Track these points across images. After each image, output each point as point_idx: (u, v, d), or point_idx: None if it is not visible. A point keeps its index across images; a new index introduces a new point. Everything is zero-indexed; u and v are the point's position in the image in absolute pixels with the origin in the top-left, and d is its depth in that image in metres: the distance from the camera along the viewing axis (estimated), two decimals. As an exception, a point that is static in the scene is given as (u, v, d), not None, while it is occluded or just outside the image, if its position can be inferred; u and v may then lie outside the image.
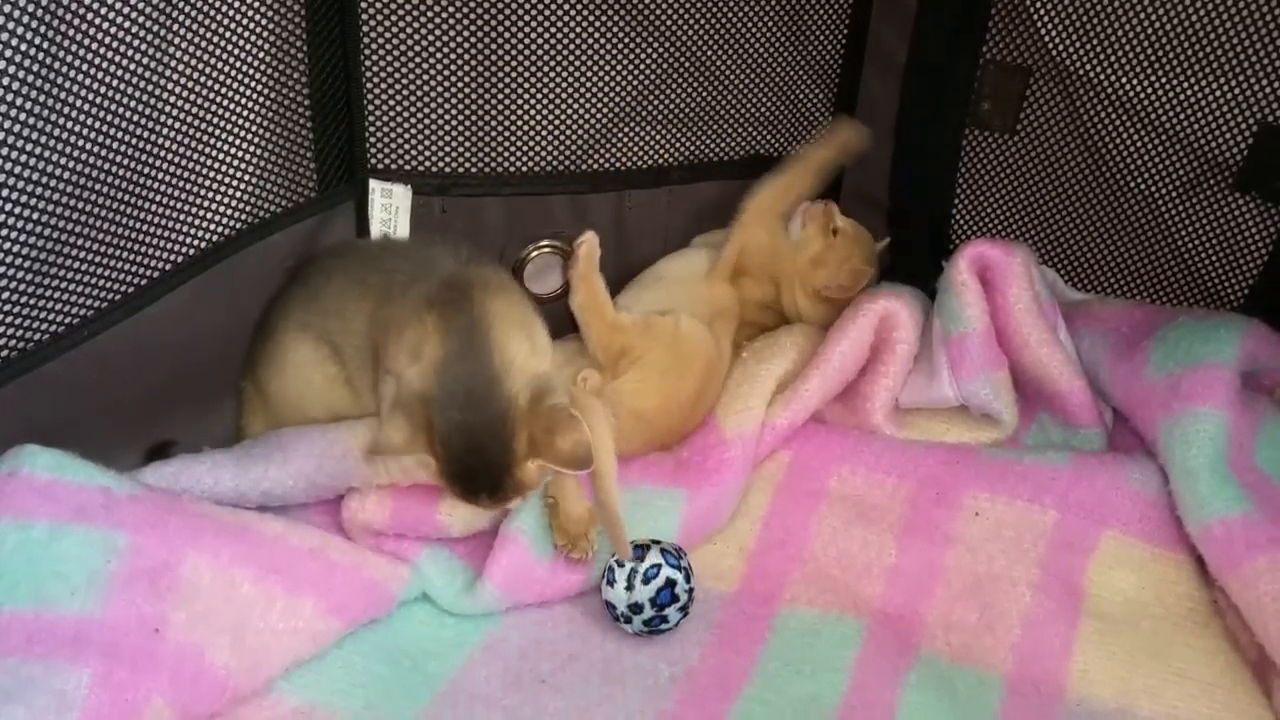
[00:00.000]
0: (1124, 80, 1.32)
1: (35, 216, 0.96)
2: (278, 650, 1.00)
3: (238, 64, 1.15)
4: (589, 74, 1.38)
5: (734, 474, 1.23)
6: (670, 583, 1.07)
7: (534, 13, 1.32)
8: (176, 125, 1.10)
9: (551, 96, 1.38)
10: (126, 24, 1.00)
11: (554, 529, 1.13)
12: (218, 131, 1.15)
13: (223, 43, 1.12)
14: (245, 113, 1.17)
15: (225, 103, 1.15)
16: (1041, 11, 1.35)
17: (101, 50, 0.99)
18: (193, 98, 1.11)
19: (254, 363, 1.24)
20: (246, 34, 1.15)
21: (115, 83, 1.01)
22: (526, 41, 1.34)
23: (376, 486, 1.11)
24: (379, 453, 1.03)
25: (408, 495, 1.11)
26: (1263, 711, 1.03)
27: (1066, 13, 1.33)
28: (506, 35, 1.33)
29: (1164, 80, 1.30)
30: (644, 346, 1.26)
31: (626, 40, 1.38)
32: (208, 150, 1.14)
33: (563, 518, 1.13)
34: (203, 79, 1.11)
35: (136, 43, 1.02)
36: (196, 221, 1.16)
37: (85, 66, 0.97)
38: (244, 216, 1.21)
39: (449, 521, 1.12)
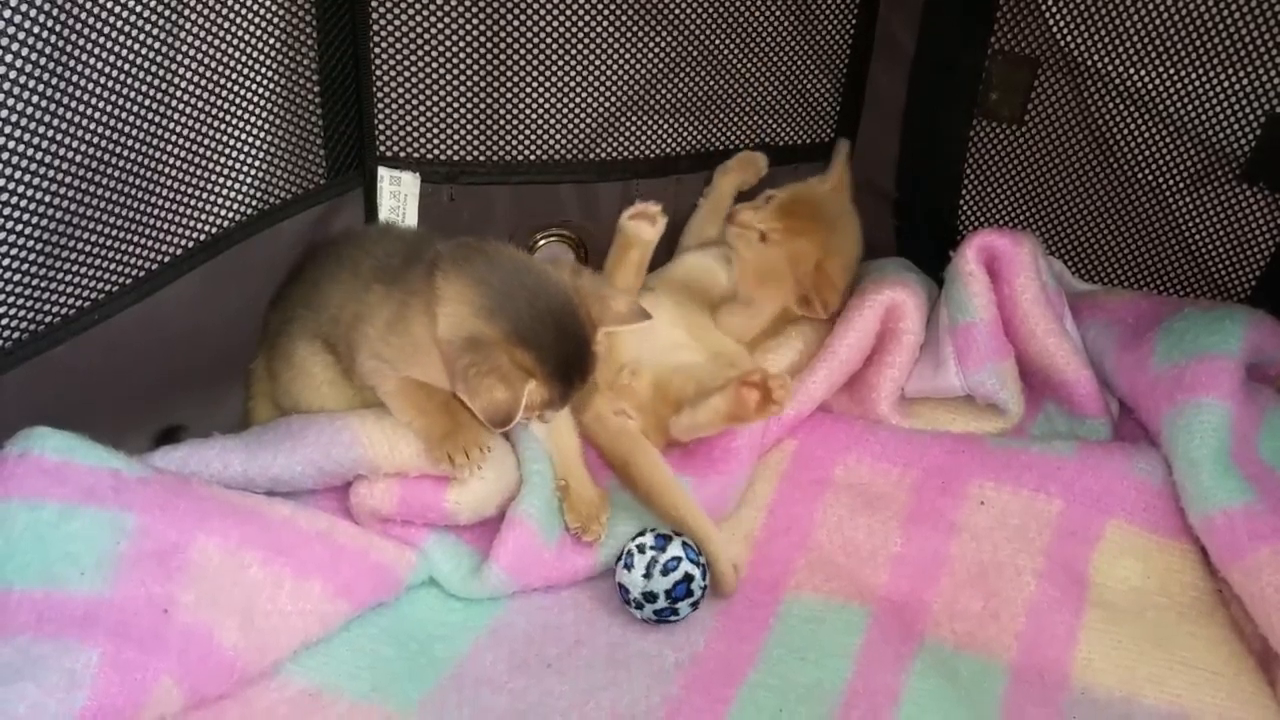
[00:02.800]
0: (1132, 71, 1.32)
1: (46, 200, 0.97)
2: (286, 632, 1.00)
3: (248, 50, 1.15)
4: (597, 63, 1.38)
5: (740, 464, 1.24)
6: (688, 577, 1.08)
7: (543, 2, 1.33)
8: (187, 111, 1.10)
9: (560, 85, 1.38)
10: (138, 8, 1.01)
11: (566, 511, 1.14)
12: (228, 118, 1.15)
13: (233, 29, 1.13)
14: (255, 99, 1.18)
15: (235, 89, 1.15)
16: (1049, 2, 1.35)
17: (113, 35, 0.99)
18: (203, 84, 1.11)
19: (267, 349, 1.24)
20: (257, 20, 1.15)
21: (127, 67, 1.01)
22: (536, 30, 1.34)
23: (384, 475, 1.11)
24: (504, 425, 1.00)
25: (415, 483, 1.12)
26: (1267, 700, 1.03)
27: (1074, 3, 1.33)
28: (516, 24, 1.33)
29: (1172, 71, 1.30)
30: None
31: (635, 29, 1.38)
32: (218, 136, 1.15)
33: (574, 499, 1.15)
34: (213, 65, 1.12)
35: (148, 27, 1.03)
36: (206, 207, 1.16)
37: (97, 50, 0.98)
38: (253, 203, 1.22)
39: (456, 509, 1.12)
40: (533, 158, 1.41)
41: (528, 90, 1.37)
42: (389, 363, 1.08)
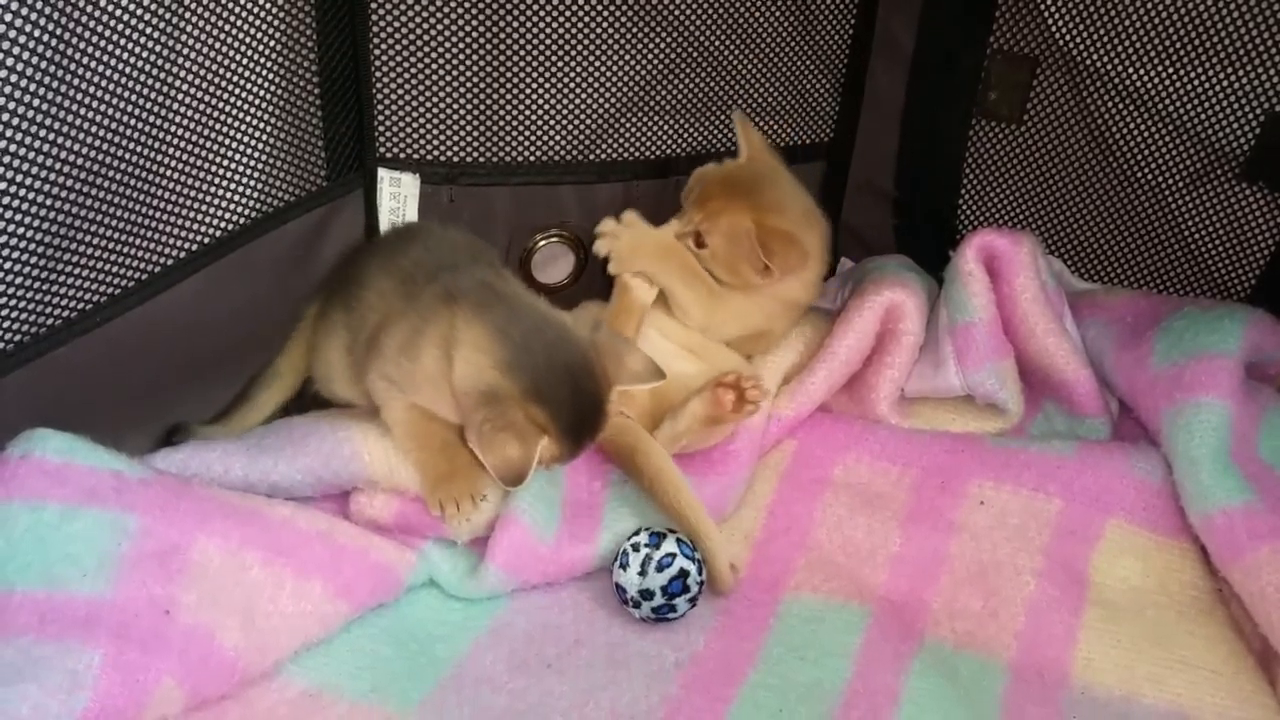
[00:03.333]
0: (1131, 70, 1.32)
1: (48, 202, 0.97)
2: (286, 633, 1.01)
3: (248, 53, 1.16)
4: (597, 64, 1.39)
5: (740, 465, 1.24)
6: (683, 573, 1.08)
7: (543, 2, 1.33)
8: (187, 114, 1.11)
9: (559, 86, 1.39)
10: (138, 11, 1.01)
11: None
12: (228, 120, 1.16)
13: (233, 31, 1.13)
14: (256, 101, 1.18)
15: (236, 91, 1.15)
16: (1049, 1, 1.35)
17: (113, 37, 0.99)
18: (203, 86, 1.11)
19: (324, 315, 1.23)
20: (257, 23, 1.16)
21: (127, 69, 1.02)
22: (535, 31, 1.34)
23: (383, 489, 1.12)
24: (517, 483, 1.00)
25: (414, 501, 1.12)
26: (1266, 699, 1.03)
27: (1074, 2, 1.33)
28: (515, 25, 1.33)
29: (1171, 70, 1.30)
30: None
31: (634, 30, 1.38)
32: (218, 139, 1.15)
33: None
34: (213, 67, 1.12)
35: (148, 30, 1.03)
36: (208, 210, 1.16)
37: (97, 54, 0.98)
38: (254, 205, 1.22)
39: (454, 531, 1.12)
40: (532, 159, 1.41)
41: (527, 91, 1.38)
42: (396, 384, 1.08)
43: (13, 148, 0.92)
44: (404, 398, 1.09)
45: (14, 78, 0.90)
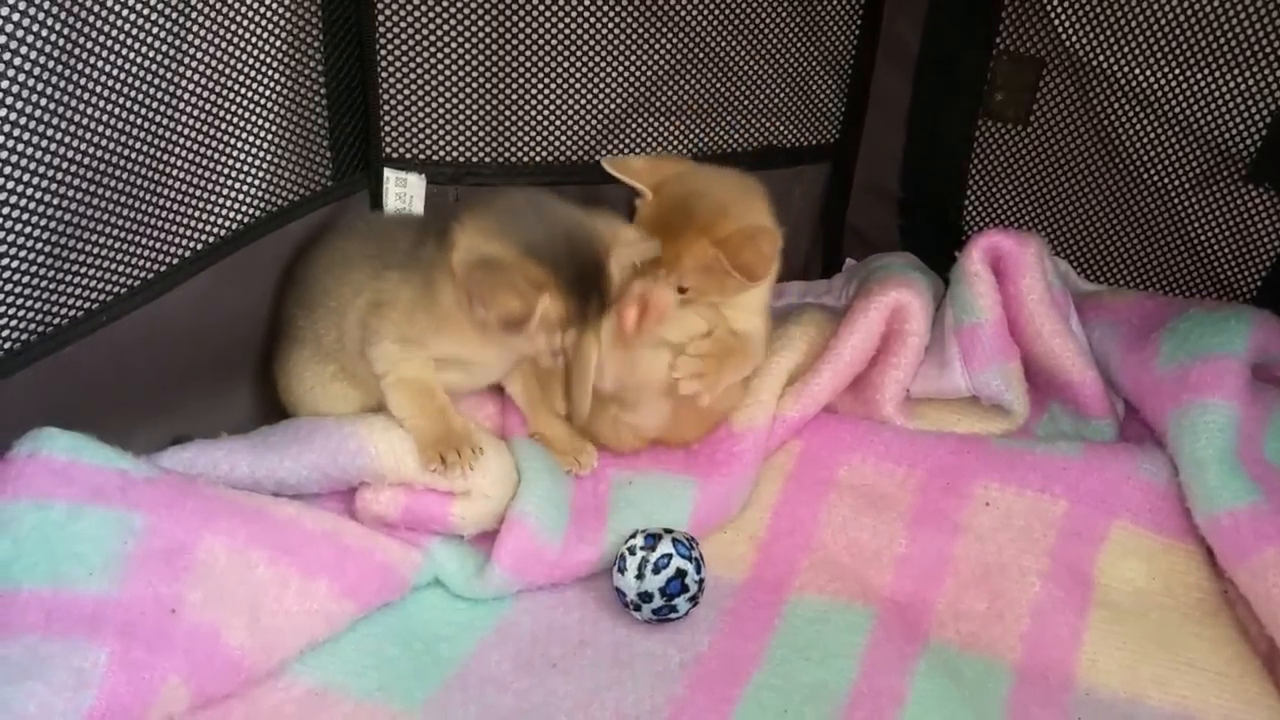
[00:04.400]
0: (1137, 71, 1.32)
1: (55, 202, 0.97)
2: (292, 632, 1.01)
3: (254, 53, 1.16)
4: (602, 64, 1.39)
5: (744, 466, 1.24)
6: (680, 573, 1.08)
7: (548, 3, 1.33)
8: (194, 113, 1.11)
9: (565, 87, 1.39)
10: (145, 11, 1.01)
11: (558, 458, 1.20)
12: (234, 120, 1.16)
13: (240, 31, 1.13)
14: (262, 101, 1.18)
15: (242, 91, 1.16)
16: (1054, 2, 1.35)
17: (120, 38, 1.00)
18: (210, 85, 1.12)
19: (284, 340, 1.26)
20: (263, 23, 1.16)
21: (134, 69, 1.02)
22: (541, 31, 1.35)
23: (390, 484, 1.12)
24: (518, 327, 1.03)
25: (421, 495, 1.13)
26: (1272, 702, 1.03)
27: (1079, 3, 1.33)
28: (521, 25, 1.34)
29: (1177, 71, 1.30)
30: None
31: (640, 31, 1.38)
32: (225, 138, 1.15)
33: (556, 443, 1.21)
34: (220, 67, 1.12)
35: (155, 29, 1.03)
36: (213, 209, 1.17)
37: (103, 54, 0.98)
38: (260, 204, 1.22)
39: (461, 523, 1.13)
40: (538, 159, 1.42)
41: (533, 92, 1.38)
42: (416, 341, 1.11)
43: (20, 147, 0.92)
44: (413, 360, 1.12)
45: (21, 77, 0.90)
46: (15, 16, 0.88)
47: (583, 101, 1.40)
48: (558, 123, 1.40)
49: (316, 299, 1.19)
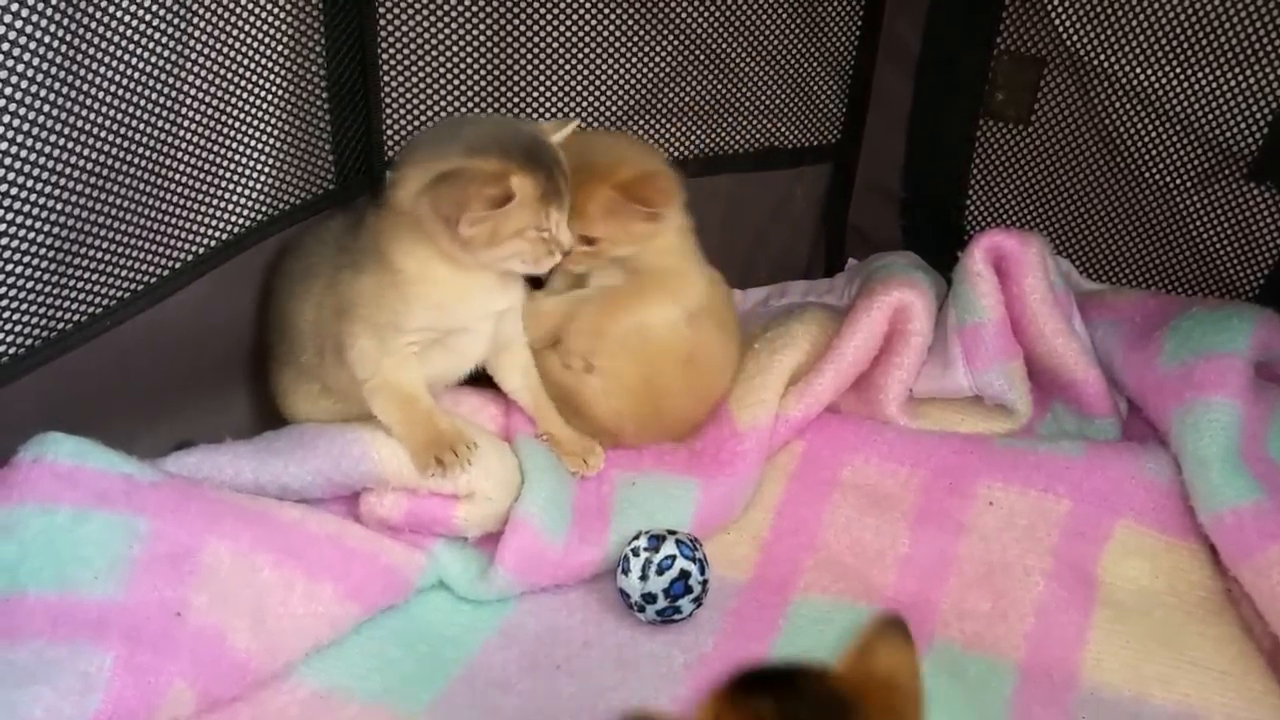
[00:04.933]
0: (1138, 70, 1.32)
1: (59, 207, 0.98)
2: (297, 634, 1.01)
3: (256, 58, 1.16)
4: (604, 66, 1.39)
5: (748, 466, 1.24)
6: (684, 574, 1.08)
7: (549, 5, 1.33)
8: (196, 119, 1.11)
9: (566, 89, 1.39)
10: (147, 17, 1.02)
11: (565, 460, 1.20)
12: (237, 125, 1.16)
13: (242, 36, 1.14)
14: (264, 105, 1.19)
15: (244, 95, 1.16)
16: (1055, 2, 1.35)
17: (122, 44, 1.00)
18: (212, 91, 1.12)
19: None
20: (265, 28, 1.16)
21: (136, 75, 1.02)
22: (541, 34, 1.35)
23: (393, 488, 1.12)
24: (501, 204, 1.02)
25: (424, 499, 1.13)
26: (1276, 700, 1.03)
27: (1080, 3, 1.33)
28: (521, 28, 1.34)
29: (1178, 70, 1.30)
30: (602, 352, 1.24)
31: (641, 32, 1.38)
32: (227, 143, 1.16)
33: (564, 444, 1.21)
34: (222, 73, 1.12)
35: (157, 35, 1.03)
36: (216, 213, 1.17)
37: (106, 59, 0.98)
38: (262, 209, 1.22)
39: (465, 525, 1.13)
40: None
41: (533, 94, 1.38)
42: (392, 326, 1.09)
43: (23, 153, 0.92)
44: (395, 355, 1.10)
45: (24, 83, 0.90)
46: (18, 24, 0.88)
47: (584, 103, 1.40)
48: (559, 124, 1.41)
49: (287, 321, 1.19)
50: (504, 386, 1.24)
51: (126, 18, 0.99)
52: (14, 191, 0.93)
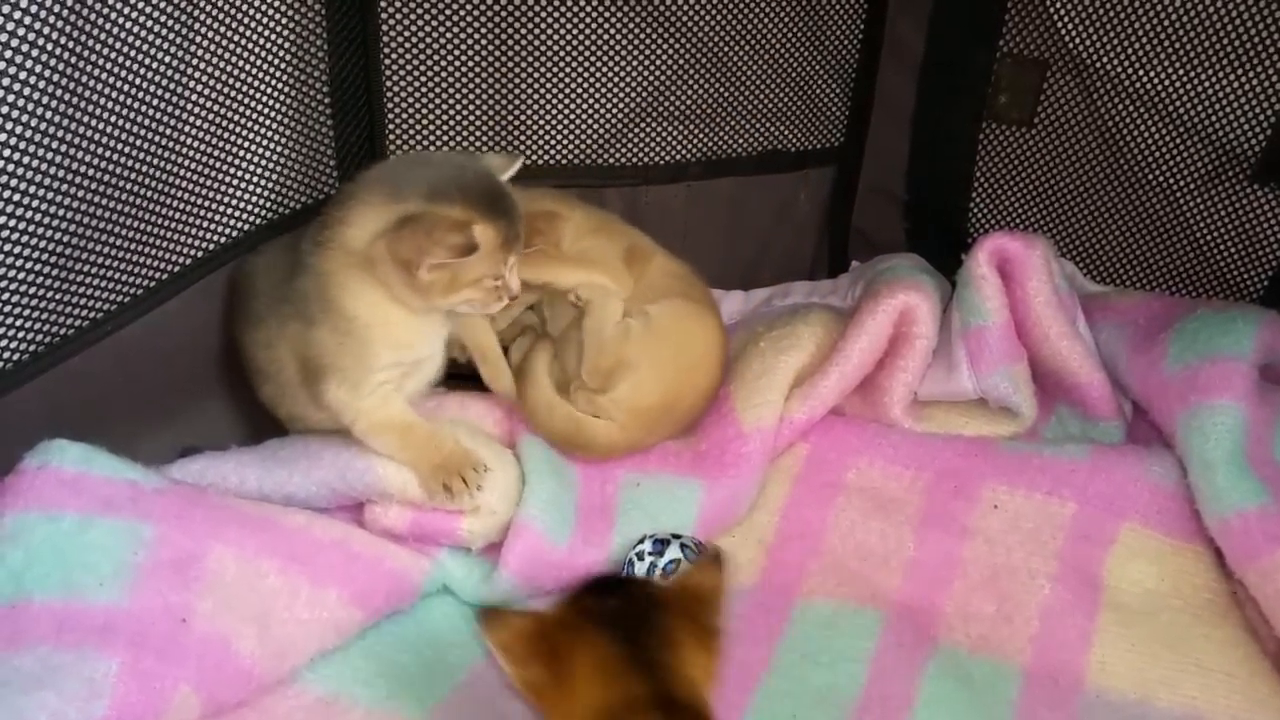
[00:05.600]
0: (1141, 72, 1.32)
1: (63, 213, 0.98)
2: (302, 640, 1.01)
3: (259, 63, 1.16)
4: (606, 69, 1.39)
5: (752, 467, 1.24)
6: None
7: (551, 8, 1.33)
8: (199, 124, 1.11)
9: (569, 92, 1.39)
10: (150, 24, 1.02)
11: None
12: (240, 130, 1.16)
13: (245, 42, 1.14)
14: (267, 110, 1.19)
15: (247, 101, 1.16)
16: (1058, 4, 1.34)
17: (125, 51, 1.00)
18: (215, 96, 1.12)
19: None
20: (268, 33, 1.16)
21: (139, 81, 1.03)
22: (544, 37, 1.35)
23: (398, 501, 1.12)
24: (468, 254, 1.00)
25: (429, 510, 1.13)
26: (1282, 703, 1.03)
27: (1083, 5, 1.33)
28: (524, 31, 1.34)
29: (1181, 72, 1.30)
30: (638, 361, 1.23)
31: (643, 35, 1.38)
32: (230, 149, 1.16)
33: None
34: (225, 78, 1.13)
35: (159, 43, 1.04)
36: (219, 217, 1.17)
37: (110, 66, 0.99)
38: (266, 212, 1.23)
39: (469, 536, 1.13)
40: (542, 163, 1.42)
41: (536, 97, 1.38)
42: (359, 368, 1.06)
43: (28, 160, 0.92)
44: (373, 396, 1.08)
45: (29, 92, 0.91)
46: (21, 31, 0.88)
47: (587, 106, 1.40)
48: (562, 127, 1.41)
49: (244, 356, 1.17)
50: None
51: (130, 25, 1.00)
52: (18, 198, 0.93)
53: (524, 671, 0.82)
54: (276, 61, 1.19)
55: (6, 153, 0.91)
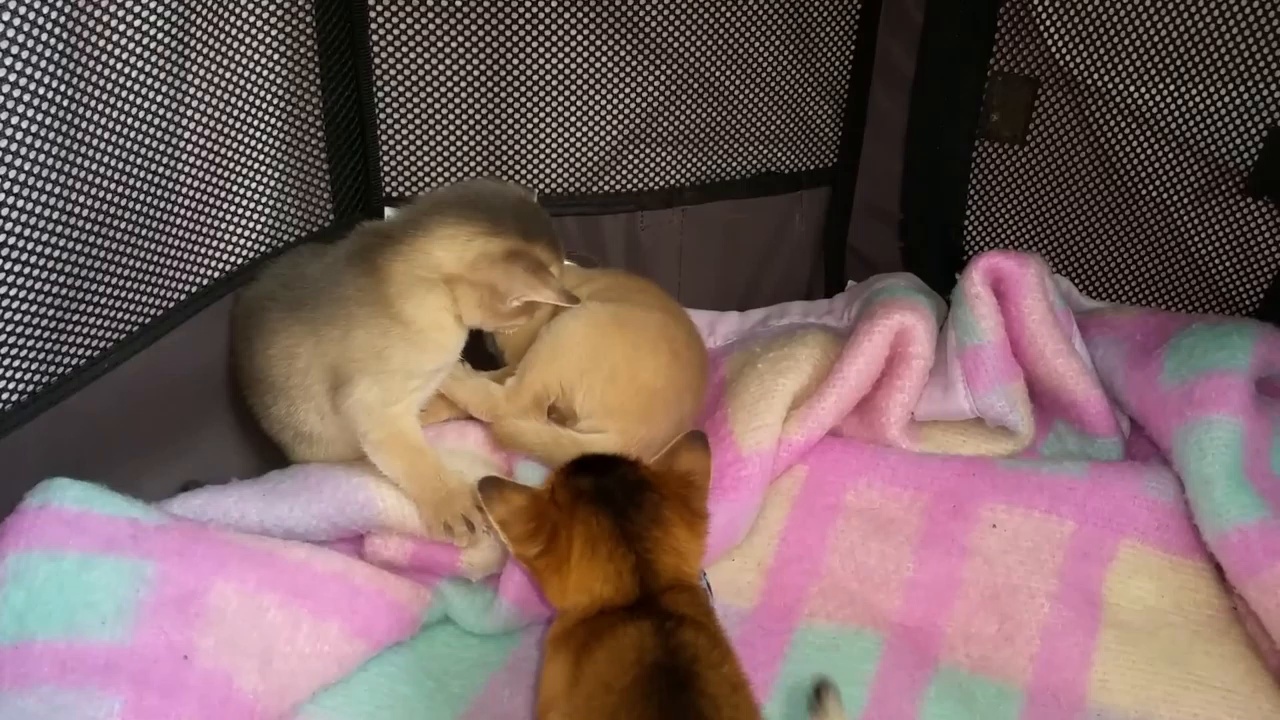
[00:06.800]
0: (1132, 88, 1.33)
1: (57, 253, 0.98)
2: (305, 674, 1.01)
3: (253, 99, 1.17)
4: (599, 97, 1.40)
5: (751, 491, 1.23)
6: None
7: (543, 39, 1.34)
8: (194, 160, 1.12)
9: (562, 120, 1.40)
10: (143, 64, 1.03)
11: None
12: (235, 165, 1.17)
13: (238, 79, 1.15)
14: (261, 144, 1.20)
15: (242, 137, 1.17)
16: (1048, 22, 1.35)
17: (120, 91, 1.01)
18: (210, 133, 1.13)
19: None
20: (261, 69, 1.18)
21: (134, 121, 1.03)
22: (536, 67, 1.36)
23: (398, 534, 1.13)
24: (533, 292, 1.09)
25: (429, 543, 1.13)
26: (1284, 719, 1.03)
27: (1073, 22, 1.34)
28: (515, 62, 1.35)
29: (1173, 87, 1.30)
30: (561, 379, 1.24)
31: (635, 62, 1.39)
32: (225, 184, 1.17)
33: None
34: (219, 115, 1.14)
35: (154, 82, 1.05)
36: (214, 251, 1.18)
37: (105, 103, 1.00)
38: (261, 246, 1.24)
39: (469, 569, 1.14)
40: (536, 193, 1.43)
41: (530, 126, 1.39)
42: (402, 372, 1.09)
43: (21, 202, 0.93)
44: (396, 405, 1.10)
45: (26, 126, 0.91)
46: (18, 67, 0.89)
47: (580, 133, 1.41)
48: (555, 155, 1.42)
49: (254, 376, 1.17)
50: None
51: (125, 64, 1.01)
52: (13, 240, 0.93)
53: (520, 546, 0.90)
54: (270, 97, 1.20)
55: (2, 194, 0.91)
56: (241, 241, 1.21)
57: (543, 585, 0.92)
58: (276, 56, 1.19)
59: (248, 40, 1.15)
